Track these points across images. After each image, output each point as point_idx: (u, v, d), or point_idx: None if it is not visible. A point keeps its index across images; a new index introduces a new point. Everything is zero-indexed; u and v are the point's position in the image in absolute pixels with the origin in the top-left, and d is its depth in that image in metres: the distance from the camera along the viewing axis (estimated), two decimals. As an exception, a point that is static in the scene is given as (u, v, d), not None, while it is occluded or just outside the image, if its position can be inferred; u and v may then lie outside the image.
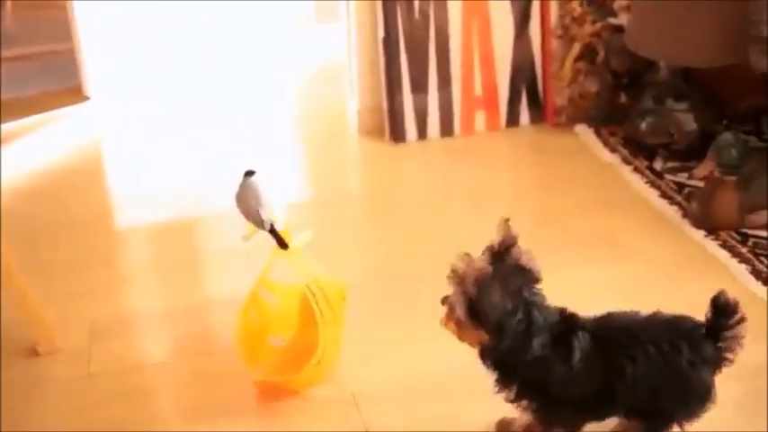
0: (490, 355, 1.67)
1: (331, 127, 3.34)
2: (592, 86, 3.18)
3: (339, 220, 2.79)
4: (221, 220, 2.03)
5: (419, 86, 3.11)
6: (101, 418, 2.02)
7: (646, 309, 1.60)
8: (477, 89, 3.16)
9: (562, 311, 1.69)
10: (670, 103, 2.94)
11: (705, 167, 2.58)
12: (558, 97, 3.17)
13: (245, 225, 2.01)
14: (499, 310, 1.58)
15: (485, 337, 1.62)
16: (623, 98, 3.15)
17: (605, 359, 1.65)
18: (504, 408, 1.96)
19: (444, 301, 1.68)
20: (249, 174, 1.96)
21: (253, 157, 3.09)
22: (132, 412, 2.03)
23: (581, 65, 3.15)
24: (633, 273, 2.42)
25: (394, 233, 2.69)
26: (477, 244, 2.63)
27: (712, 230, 2.55)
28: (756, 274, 2.37)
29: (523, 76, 3.18)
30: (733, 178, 2.52)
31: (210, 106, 3.50)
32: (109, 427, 1.99)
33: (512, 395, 1.70)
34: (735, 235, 2.53)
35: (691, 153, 2.86)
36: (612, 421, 1.78)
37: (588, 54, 3.15)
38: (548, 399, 1.68)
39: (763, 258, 2.43)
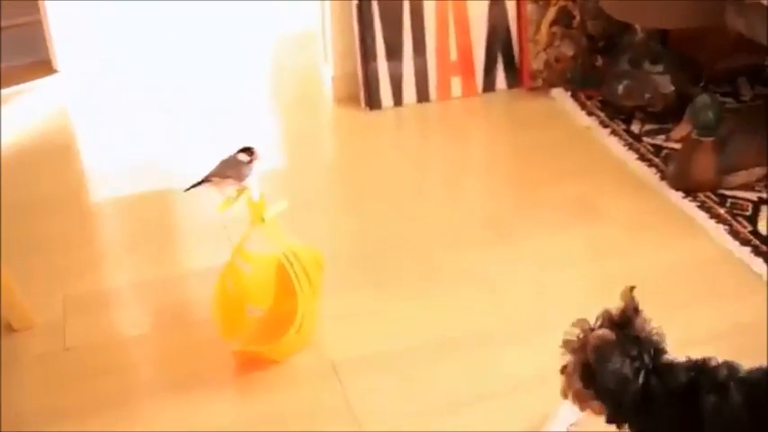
0: (618, 424, 1.54)
1: (306, 94, 3.30)
2: (568, 50, 3.16)
3: (315, 188, 2.77)
4: (196, 192, 2.00)
5: (394, 52, 3.08)
6: (77, 392, 2.00)
7: (625, 270, 1.56)
8: (453, 54, 3.13)
9: (698, 368, 1.50)
10: (647, 65, 2.92)
11: (682, 129, 2.58)
12: (534, 62, 3.15)
13: (220, 196, 1.99)
14: (618, 377, 1.47)
15: (603, 406, 1.52)
16: (599, 61, 3.14)
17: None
18: (482, 381, 1.97)
19: (563, 371, 1.57)
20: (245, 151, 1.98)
21: (226, 126, 3.06)
22: (109, 386, 2.02)
23: (557, 29, 3.13)
24: (612, 235, 2.41)
25: (371, 201, 2.67)
26: (454, 208, 2.62)
27: (690, 192, 2.55)
28: (734, 234, 2.37)
29: (499, 40, 3.15)
30: (710, 140, 2.52)
31: (183, 77, 3.45)
32: (86, 402, 1.97)
33: None
34: (712, 196, 2.53)
35: (668, 115, 2.85)
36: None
37: (564, 18, 3.13)
38: None
39: (740, 218, 2.43)
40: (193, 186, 2.00)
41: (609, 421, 1.54)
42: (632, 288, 1.51)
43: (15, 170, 2.87)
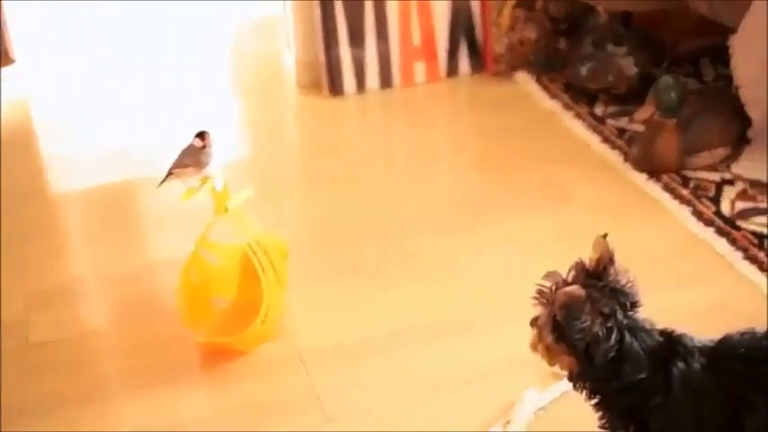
0: (581, 383, 1.52)
1: (268, 81, 3.28)
2: (531, 33, 3.15)
3: (279, 176, 2.75)
4: (157, 182, 1.98)
5: (356, 38, 3.06)
6: (41, 388, 1.97)
7: (590, 251, 1.54)
8: (416, 39, 3.12)
9: (666, 334, 1.50)
10: (610, 47, 2.93)
11: (645, 111, 2.58)
12: (498, 45, 3.14)
13: (183, 185, 1.97)
14: (588, 336, 1.41)
15: (574, 363, 1.47)
16: (563, 44, 3.14)
17: (727, 392, 1.45)
18: (451, 368, 1.97)
19: (533, 323, 1.50)
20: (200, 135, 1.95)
21: (188, 114, 3.03)
22: (74, 381, 1.99)
23: (519, 12, 3.12)
24: (577, 218, 2.42)
25: (335, 189, 2.66)
26: (420, 194, 2.62)
27: (654, 173, 2.56)
28: (697, 215, 2.38)
29: (462, 24, 3.14)
30: (673, 121, 2.53)
31: (143, 65, 3.42)
32: (50, 398, 1.95)
33: (606, 423, 1.53)
34: (676, 177, 2.54)
35: (631, 97, 2.86)
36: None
37: (526, 1, 3.12)
38: None
39: (703, 199, 2.44)
40: (162, 182, 1.98)
41: (573, 380, 1.51)
42: (605, 236, 1.47)
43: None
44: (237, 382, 1.97)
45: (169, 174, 1.97)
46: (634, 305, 1.46)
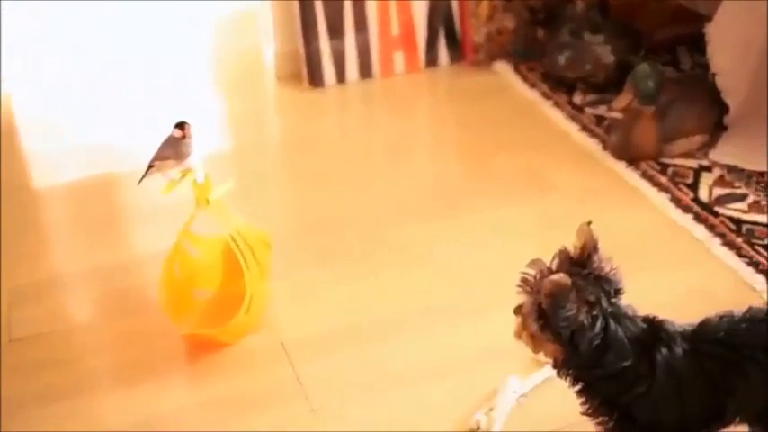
0: (565, 370, 1.52)
1: (248, 74, 3.28)
2: (509, 23, 3.17)
3: (259, 168, 2.76)
4: (138, 176, 1.97)
5: (335, 29, 3.06)
6: (25, 385, 1.97)
7: (572, 241, 1.55)
8: (395, 30, 3.12)
9: (649, 321, 1.50)
10: (587, 36, 2.94)
11: (623, 99, 2.60)
12: (476, 35, 3.15)
13: (164, 178, 1.97)
14: (574, 324, 1.42)
15: (560, 350, 1.47)
16: (541, 33, 3.15)
17: (708, 377, 1.47)
18: (433, 356, 1.98)
19: (517, 311, 1.50)
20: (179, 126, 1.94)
21: (168, 108, 3.02)
22: (57, 377, 1.99)
23: (497, 2, 3.13)
24: (557, 206, 2.44)
25: (316, 180, 2.66)
26: (402, 184, 2.63)
27: (632, 161, 2.58)
28: (676, 201, 2.40)
29: (440, 14, 3.15)
30: (651, 109, 2.54)
31: (123, 60, 3.41)
32: (34, 395, 1.94)
33: (589, 410, 1.53)
34: (654, 165, 2.56)
35: (609, 86, 2.88)
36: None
37: (504, -9, 3.14)
38: (630, 420, 1.50)
39: (681, 186, 2.46)
40: (143, 176, 1.97)
41: (557, 367, 1.51)
42: (589, 223, 1.47)
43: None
44: (221, 373, 1.97)
45: (150, 167, 1.96)
46: (618, 292, 1.46)
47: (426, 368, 1.94)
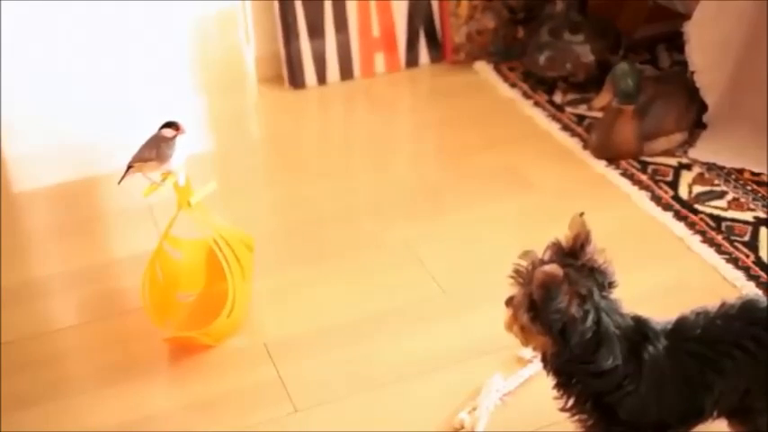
0: (553, 365, 1.51)
1: (228, 76, 3.27)
2: (489, 23, 3.17)
3: (241, 170, 2.75)
4: (118, 178, 1.97)
5: (316, 30, 3.06)
6: (8, 387, 1.96)
7: (550, 237, 1.54)
8: (375, 30, 3.13)
9: (635, 318, 1.51)
10: (567, 35, 2.95)
11: (603, 98, 2.61)
12: (457, 35, 3.16)
13: (145, 180, 1.96)
14: (565, 316, 1.41)
15: (550, 343, 1.46)
16: (521, 33, 3.16)
17: (687, 374, 1.48)
18: (416, 355, 1.99)
19: (509, 302, 1.49)
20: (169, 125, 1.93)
21: (149, 110, 3.02)
22: (40, 380, 1.98)
23: (477, 1, 3.14)
24: (538, 206, 2.44)
25: (298, 181, 2.66)
26: (383, 184, 2.63)
27: (613, 160, 2.59)
28: (656, 199, 2.42)
29: (421, 15, 3.15)
30: (630, 107, 2.56)
31: (103, 62, 3.39)
32: (19, 396, 1.94)
33: (569, 404, 1.53)
34: (634, 163, 2.58)
35: (589, 85, 2.89)
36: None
37: (484, -10, 3.14)
38: (611, 417, 1.51)
39: (662, 184, 2.47)
40: (122, 178, 1.96)
41: (546, 361, 1.51)
42: (582, 214, 1.46)
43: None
44: (204, 375, 1.97)
45: (129, 167, 1.95)
46: (611, 285, 1.46)
47: (410, 368, 1.94)
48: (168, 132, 1.91)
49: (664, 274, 2.16)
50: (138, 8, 3.75)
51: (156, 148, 1.91)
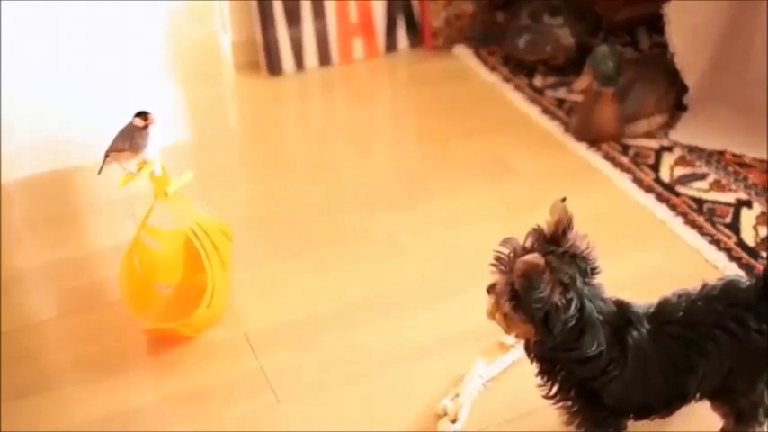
0: (536, 352, 1.49)
1: (205, 64, 3.23)
2: (468, 7, 3.15)
3: (219, 159, 2.72)
4: (96, 170, 1.94)
5: (293, 16, 3.03)
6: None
7: (533, 223, 1.53)
8: (353, 16, 3.10)
9: (618, 302, 1.50)
10: (546, 18, 2.94)
11: (583, 81, 2.60)
12: (435, 20, 3.13)
13: (121, 170, 1.94)
14: (547, 305, 1.39)
15: (533, 331, 1.44)
16: (500, 17, 3.14)
17: (670, 356, 1.48)
18: (397, 344, 1.98)
19: (490, 290, 1.46)
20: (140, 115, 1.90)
21: (126, 99, 2.98)
22: (19, 375, 1.96)
23: (456, -15, 3.12)
24: (520, 190, 2.43)
25: (277, 169, 2.64)
26: (363, 172, 2.61)
27: (594, 142, 2.58)
28: (638, 182, 2.41)
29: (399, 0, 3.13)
30: (611, 90, 2.55)
31: (78, 52, 3.35)
32: (-4, 391, 1.92)
33: (552, 392, 1.53)
34: (615, 145, 2.57)
35: (569, 68, 2.88)
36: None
37: (462, -26, 3.12)
38: (595, 403, 1.51)
39: (643, 167, 2.47)
40: (101, 169, 1.93)
41: (529, 349, 1.50)
42: (564, 199, 1.44)
43: None
44: (185, 367, 1.95)
45: (106, 157, 1.92)
46: (593, 271, 1.45)
47: (392, 356, 1.93)
48: (138, 122, 1.89)
49: (646, 257, 2.15)
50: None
51: (129, 139, 1.90)
